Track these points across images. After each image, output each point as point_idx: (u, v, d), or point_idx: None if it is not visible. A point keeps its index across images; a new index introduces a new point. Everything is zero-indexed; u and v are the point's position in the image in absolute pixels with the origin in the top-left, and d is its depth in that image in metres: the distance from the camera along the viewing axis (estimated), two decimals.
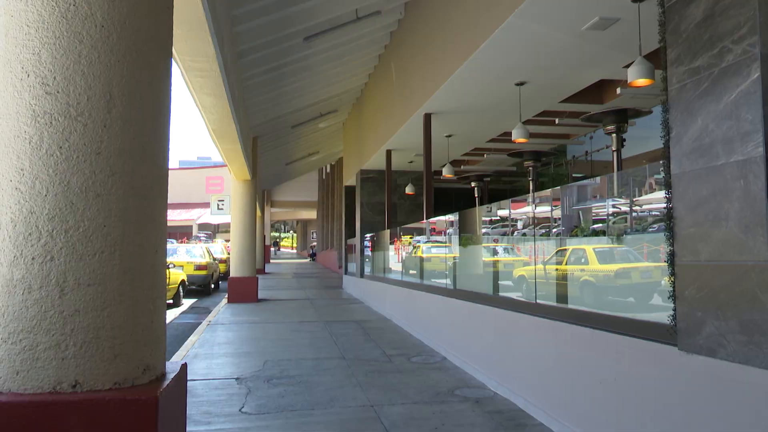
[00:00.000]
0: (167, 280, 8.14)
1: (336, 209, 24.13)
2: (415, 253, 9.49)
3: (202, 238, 29.80)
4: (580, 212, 4.53)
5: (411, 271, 9.41)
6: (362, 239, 13.83)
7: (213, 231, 45.05)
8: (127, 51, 2.16)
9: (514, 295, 5.24)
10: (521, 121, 7.78)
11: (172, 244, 17.45)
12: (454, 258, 7.09)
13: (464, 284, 6.53)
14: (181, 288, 12.47)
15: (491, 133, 9.94)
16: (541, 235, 4.85)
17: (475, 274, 6.54)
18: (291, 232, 78.36)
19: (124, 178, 2.14)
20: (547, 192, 5.15)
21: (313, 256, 38.39)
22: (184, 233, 35.75)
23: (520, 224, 5.51)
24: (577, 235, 4.48)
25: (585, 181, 5.22)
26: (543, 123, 9.76)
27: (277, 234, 75.09)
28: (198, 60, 5.53)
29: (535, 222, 4.93)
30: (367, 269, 13.33)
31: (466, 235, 6.72)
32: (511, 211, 5.75)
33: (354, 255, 14.92)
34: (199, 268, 14.53)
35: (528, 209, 5.19)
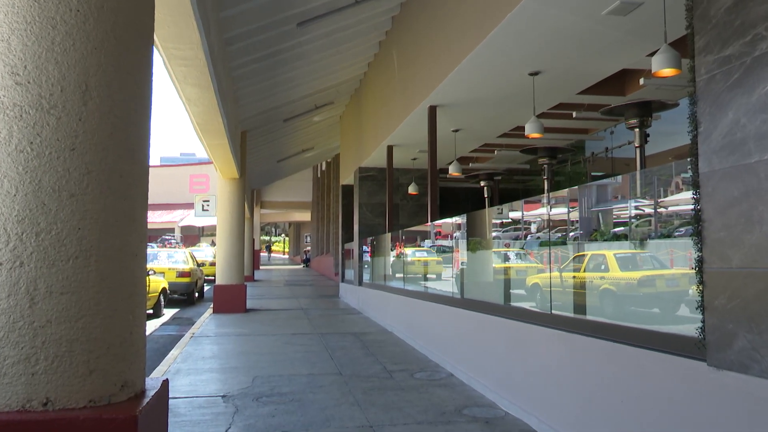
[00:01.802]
0: (147, 287, 8.17)
1: (332, 211, 24.20)
2: (418, 259, 9.60)
3: (172, 242, 29.82)
4: (600, 214, 4.53)
5: (413, 279, 9.47)
6: (361, 243, 13.84)
7: (198, 233, 45.06)
8: (104, 38, 2.17)
9: (527, 305, 5.23)
10: (535, 114, 7.78)
11: (152, 249, 17.47)
12: (462, 264, 7.11)
13: (473, 293, 6.55)
14: (162, 297, 12.49)
15: (502, 128, 9.96)
16: (556, 240, 4.86)
17: (484, 282, 6.55)
18: (283, 235, 78.46)
19: (100, 176, 2.15)
20: (564, 192, 5.16)
21: (306, 261, 38.52)
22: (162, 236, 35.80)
23: (533, 227, 5.52)
24: (596, 240, 4.46)
25: (605, 181, 5.24)
26: (559, 117, 9.77)
27: (267, 237, 75.15)
28: (182, 47, 5.54)
29: (551, 225, 4.92)
30: (366, 276, 13.33)
31: (475, 239, 6.73)
32: (524, 213, 5.76)
33: (352, 261, 14.96)
34: (181, 275, 14.57)
35: (542, 211, 5.20)
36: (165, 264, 14.81)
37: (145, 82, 2.36)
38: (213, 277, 19.25)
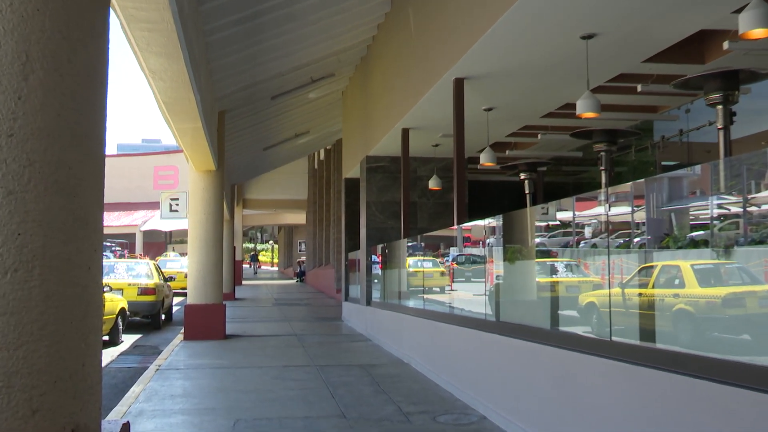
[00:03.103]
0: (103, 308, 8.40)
1: (333, 211, 24.30)
2: (441, 272, 9.66)
3: (116, 249, 30.09)
4: (673, 215, 4.53)
5: (435, 297, 9.51)
6: (369, 252, 13.93)
7: (165, 240, 45.31)
8: None
9: (579, 330, 5.27)
10: (589, 88, 7.78)
11: (108, 260, 17.57)
12: (497, 278, 7.16)
13: (510, 314, 6.58)
14: (120, 319, 12.53)
15: (547, 106, 10.04)
16: (617, 247, 4.85)
17: (525, 301, 6.61)
18: (271, 242, 78.76)
19: (45, 168, 2.17)
20: (626, 187, 5.18)
21: (301, 275, 38.82)
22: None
23: (587, 231, 5.57)
24: (668, 247, 4.45)
25: (679, 172, 5.24)
26: (620, 91, 9.75)
27: (251, 245, 75.44)
28: (143, 7, 5.57)
29: (610, 228, 4.94)
30: (376, 294, 13.42)
31: (514, 246, 6.77)
32: (576, 213, 5.81)
33: (358, 274, 15.05)
34: (144, 292, 14.61)
35: (599, 210, 5.20)
36: (124, 278, 14.87)
37: (100, 52, 2.38)
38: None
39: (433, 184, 12.96)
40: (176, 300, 21.60)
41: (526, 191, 10.95)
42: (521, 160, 11.37)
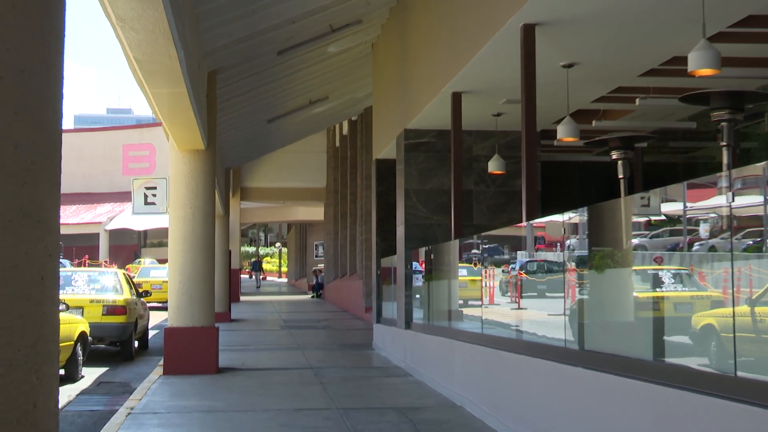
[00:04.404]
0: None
1: (361, 203, 24.22)
2: (507, 283, 9.69)
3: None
4: None
5: (497, 317, 9.53)
6: (408, 258, 13.78)
7: (138, 241, 45.71)
8: None
9: (693, 363, 5.30)
10: (706, 36, 7.56)
11: (64, 269, 17.57)
12: (581, 292, 7.15)
13: (599, 341, 6.59)
14: (80, 348, 12.46)
15: (648, 61, 9.93)
16: (744, 250, 4.83)
17: (618, 323, 6.57)
18: (278, 245, 78.78)
19: None
20: (757, 168, 5.07)
21: (318, 288, 39.04)
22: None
23: (704, 229, 5.56)
24: None
25: None
26: (749, 39, 9.55)
27: (252, 249, 75.49)
28: None
29: (735, 225, 4.88)
30: (418, 314, 13.28)
31: (603, 249, 6.74)
32: (688, 204, 5.78)
33: (394, 287, 14.90)
34: (111, 311, 14.57)
35: (720, 201, 5.13)
36: (85, 293, 14.75)
37: None
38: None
39: (493, 166, 12.69)
40: (156, 318, 21.75)
41: (620, 175, 10.73)
42: (613, 133, 11.15)
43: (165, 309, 21.88)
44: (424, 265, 13.13)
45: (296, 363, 13.99)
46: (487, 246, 10.66)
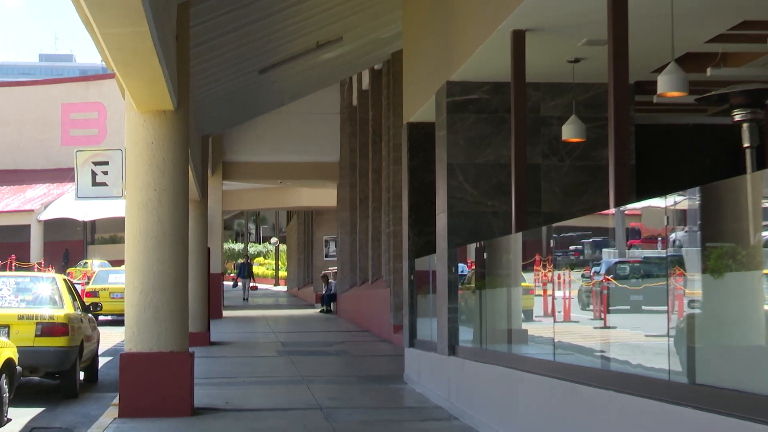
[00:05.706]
0: None
1: (387, 183, 23.38)
2: (588, 292, 9.16)
3: None
4: None
5: (573, 339, 9.42)
6: (453, 258, 13.06)
7: (83, 236, 44.22)
8: None
9: None
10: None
11: None
12: (690, 305, 6.99)
13: (717, 372, 6.40)
14: (4, 381, 11.53)
15: None
16: None
17: (744, 347, 6.31)
18: (274, 241, 76.99)
19: None
20: None
21: (329, 300, 38.13)
22: None
23: None
24: None
25: None
26: None
27: (238, 245, 74.03)
28: None
29: None
30: (466, 334, 12.68)
31: (722, 246, 6.50)
32: None
33: (433, 298, 14.31)
34: (47, 331, 13.68)
35: None
36: (11, 306, 14.17)
37: None
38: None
39: (569, 132, 11.78)
40: (110, 340, 20.94)
41: (746, 144, 10.43)
42: (735, 86, 10.69)
43: (112, 324, 20.86)
44: (474, 268, 12.38)
45: (299, 402, 13.42)
46: (583, 240, 9.72)
